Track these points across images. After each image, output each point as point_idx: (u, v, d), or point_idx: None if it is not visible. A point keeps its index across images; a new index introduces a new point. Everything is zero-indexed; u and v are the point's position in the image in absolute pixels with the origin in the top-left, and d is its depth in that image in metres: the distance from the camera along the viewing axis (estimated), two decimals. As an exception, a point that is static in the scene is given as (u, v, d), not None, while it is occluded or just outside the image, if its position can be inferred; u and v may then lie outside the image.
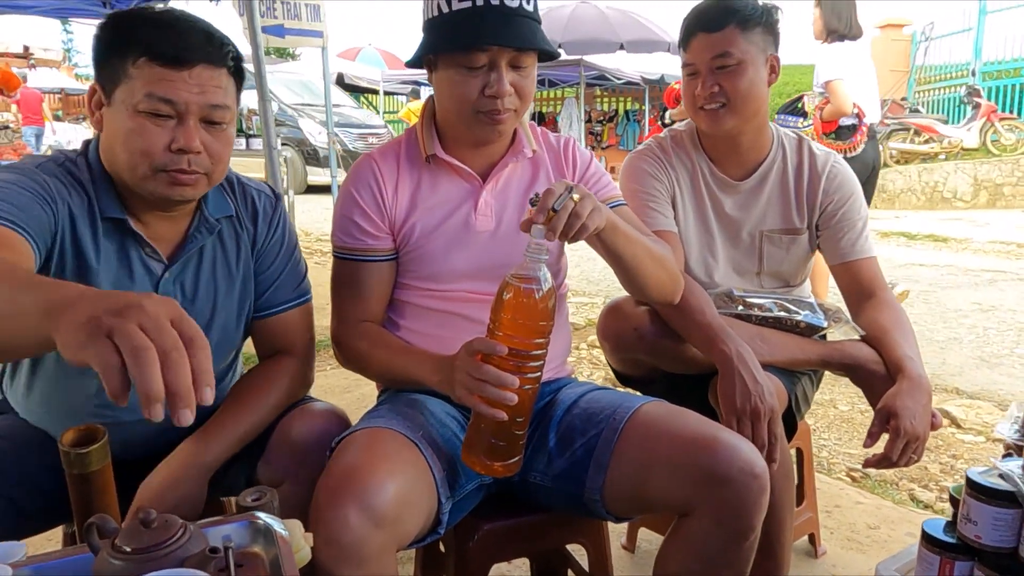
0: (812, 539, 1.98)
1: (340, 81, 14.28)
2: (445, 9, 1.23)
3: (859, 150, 3.71)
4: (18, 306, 0.74)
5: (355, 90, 15.80)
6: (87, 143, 1.20)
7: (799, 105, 3.97)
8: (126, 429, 1.19)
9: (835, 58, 3.64)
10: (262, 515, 0.91)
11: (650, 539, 2.03)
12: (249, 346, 1.41)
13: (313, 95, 11.63)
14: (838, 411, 3.13)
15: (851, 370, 1.55)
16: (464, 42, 1.22)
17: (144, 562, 0.76)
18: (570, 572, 1.77)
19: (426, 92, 18.68)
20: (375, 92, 16.43)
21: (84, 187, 1.14)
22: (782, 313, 1.60)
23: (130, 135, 1.08)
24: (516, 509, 1.37)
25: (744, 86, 1.53)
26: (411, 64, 1.33)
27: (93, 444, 0.99)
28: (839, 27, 3.66)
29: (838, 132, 3.71)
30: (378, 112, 17.87)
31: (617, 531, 2.01)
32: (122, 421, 1.19)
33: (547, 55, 1.28)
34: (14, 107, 11.53)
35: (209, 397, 0.66)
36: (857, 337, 1.57)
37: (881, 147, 10.56)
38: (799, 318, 1.59)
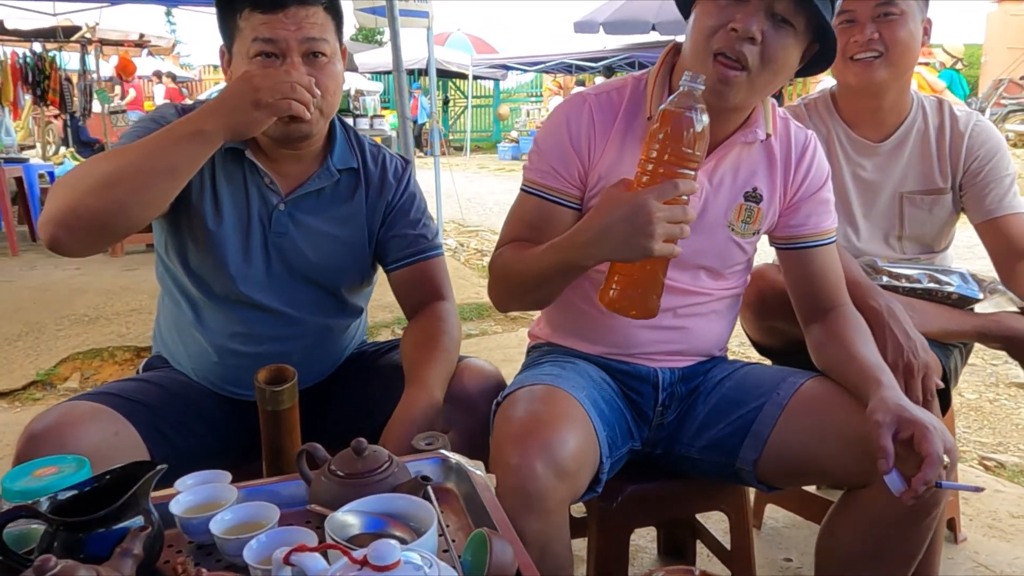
0: (952, 524, 1.90)
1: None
2: None
3: None
4: (179, 149, 1.11)
5: (444, 75, 15.89)
6: None
7: None
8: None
9: None
10: (452, 455, 0.94)
11: (776, 517, 2.00)
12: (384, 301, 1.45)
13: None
14: (964, 399, 2.99)
15: (1010, 342, 1.49)
16: None
17: (360, 486, 0.80)
18: (698, 544, 1.77)
19: (512, 76, 18.66)
20: (464, 77, 16.52)
21: None
22: (932, 284, 1.54)
23: None
24: (655, 476, 1.37)
25: (904, 36, 1.48)
26: None
27: (284, 384, 1.04)
28: None
29: None
30: (465, 96, 17.98)
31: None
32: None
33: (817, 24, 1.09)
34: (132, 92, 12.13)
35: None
36: (1015, 309, 1.50)
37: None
38: (951, 289, 1.53)
